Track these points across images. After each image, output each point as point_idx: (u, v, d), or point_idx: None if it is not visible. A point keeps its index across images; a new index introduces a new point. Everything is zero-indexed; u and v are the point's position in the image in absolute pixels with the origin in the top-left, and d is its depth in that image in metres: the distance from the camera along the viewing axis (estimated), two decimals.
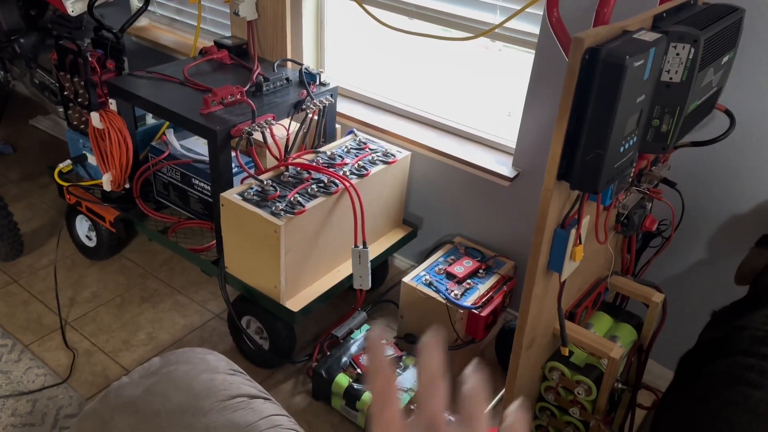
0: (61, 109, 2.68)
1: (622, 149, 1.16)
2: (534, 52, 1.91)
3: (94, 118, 2.11)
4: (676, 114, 1.24)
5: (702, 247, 1.85)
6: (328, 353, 2.00)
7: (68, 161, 2.35)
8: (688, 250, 1.87)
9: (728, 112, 1.51)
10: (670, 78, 1.21)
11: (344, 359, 1.97)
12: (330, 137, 2.28)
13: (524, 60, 2.06)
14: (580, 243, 1.29)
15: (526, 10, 1.88)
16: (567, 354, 1.46)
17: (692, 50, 1.18)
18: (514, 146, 2.13)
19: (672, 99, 1.23)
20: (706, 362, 1.33)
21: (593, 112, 1.09)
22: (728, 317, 1.48)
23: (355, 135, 2.27)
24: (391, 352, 1.98)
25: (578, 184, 1.16)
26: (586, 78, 1.08)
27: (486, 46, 2.13)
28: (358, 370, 1.93)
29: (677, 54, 1.19)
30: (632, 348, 1.65)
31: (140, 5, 2.92)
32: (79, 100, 2.24)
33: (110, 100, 2.14)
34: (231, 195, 1.88)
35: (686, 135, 1.43)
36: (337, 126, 2.31)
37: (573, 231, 1.26)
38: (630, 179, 1.44)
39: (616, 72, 1.04)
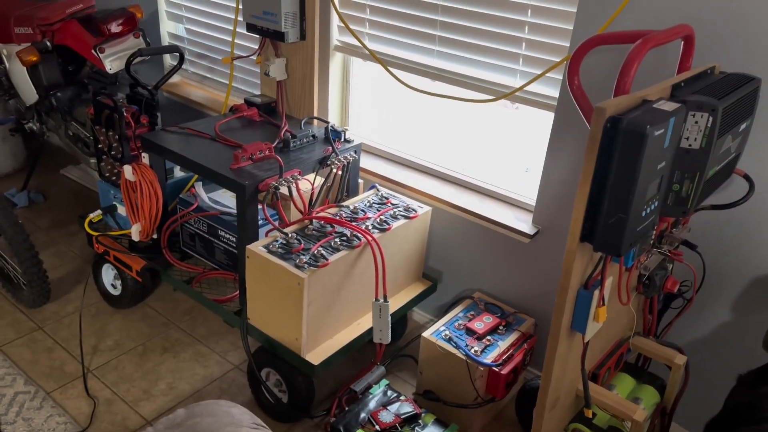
0: (92, 160, 2.78)
1: (644, 213, 1.19)
2: (552, 113, 1.97)
3: (127, 170, 2.19)
4: (696, 179, 1.28)
5: (724, 308, 1.84)
6: (347, 408, 1.99)
7: (98, 211, 2.42)
8: (710, 312, 1.87)
9: (747, 177, 1.54)
10: (690, 145, 1.25)
11: (363, 415, 1.96)
12: (353, 192, 2.33)
13: (541, 117, 2.12)
14: (604, 304, 1.30)
15: (546, 74, 1.95)
16: (590, 416, 1.45)
17: (710, 119, 1.23)
18: (533, 203, 2.17)
19: (692, 165, 1.26)
20: (732, 429, 1.31)
21: (615, 177, 1.13)
22: (754, 382, 1.47)
23: (377, 190, 2.32)
24: (410, 408, 1.97)
25: (601, 247, 1.19)
26: (608, 145, 1.12)
27: (505, 104, 2.20)
28: (377, 427, 1.92)
29: (696, 122, 1.23)
30: (655, 410, 1.63)
31: (174, 63, 3.07)
32: (113, 152, 2.33)
33: (143, 154, 2.22)
34: (257, 247, 1.93)
35: (706, 199, 1.46)
36: (360, 181, 2.37)
37: (596, 292, 1.28)
38: (651, 241, 1.47)
39: (637, 141, 1.08)
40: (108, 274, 2.53)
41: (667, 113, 1.14)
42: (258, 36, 2.57)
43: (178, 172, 2.52)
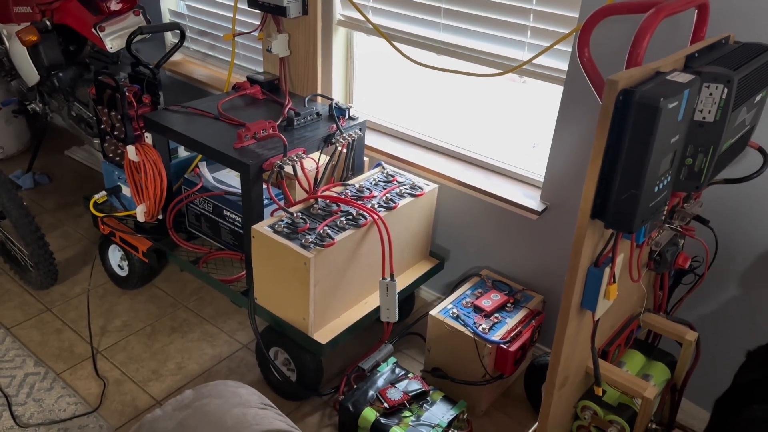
0: (96, 141, 2.77)
1: (656, 189, 1.16)
2: (561, 86, 1.92)
3: (131, 151, 2.17)
4: (710, 153, 1.24)
5: (736, 284, 1.82)
6: (355, 386, 1.99)
7: (103, 192, 2.41)
8: (721, 288, 1.84)
9: (761, 150, 1.50)
10: (704, 118, 1.22)
11: (371, 393, 1.96)
12: (358, 170, 2.31)
13: (549, 91, 2.08)
14: (614, 281, 1.28)
15: (555, 47, 1.90)
16: (600, 393, 1.44)
17: (725, 90, 1.19)
18: (541, 179, 2.13)
19: (705, 138, 1.23)
20: (743, 406, 1.30)
21: (628, 152, 1.10)
22: (764, 358, 1.45)
23: (383, 168, 2.29)
24: (418, 386, 1.97)
25: (613, 224, 1.16)
26: (620, 119, 1.09)
27: (512, 78, 2.16)
28: (385, 404, 1.92)
29: (710, 94, 1.20)
30: (665, 387, 1.62)
31: (175, 41, 3.02)
32: (116, 133, 2.31)
33: (146, 134, 2.20)
34: (262, 227, 1.91)
35: (719, 173, 1.42)
36: (365, 159, 2.35)
37: (607, 269, 1.26)
38: (663, 217, 1.44)
39: (650, 114, 1.05)
40: (115, 255, 2.52)
41: (681, 85, 1.11)
42: (260, 11, 2.53)
43: (183, 152, 2.50)
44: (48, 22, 2.60)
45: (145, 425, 1.32)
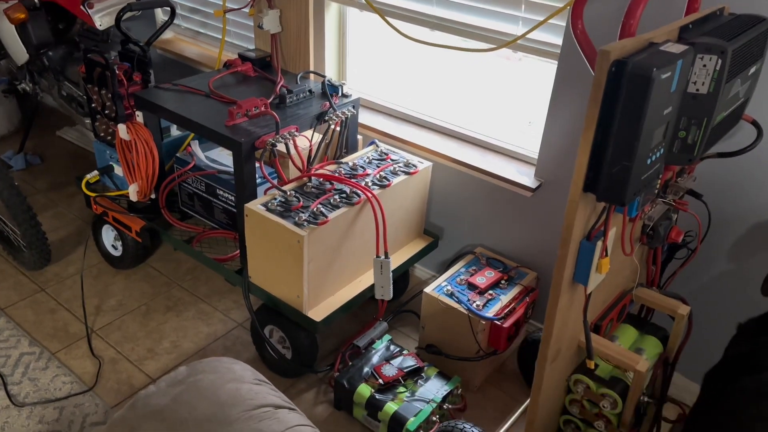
0: (87, 121, 2.74)
1: (648, 161, 1.16)
2: (556, 62, 1.91)
3: (122, 129, 2.15)
4: (703, 125, 1.24)
5: (728, 258, 1.82)
6: (350, 363, 2.00)
7: (95, 172, 2.39)
8: (714, 262, 1.85)
9: (755, 123, 1.50)
10: (697, 89, 1.21)
11: (366, 369, 1.98)
12: (352, 148, 2.29)
13: (544, 69, 2.06)
14: (607, 255, 1.28)
15: (549, 21, 1.88)
16: (593, 367, 1.45)
17: (719, 61, 1.18)
18: (535, 156, 2.13)
19: (699, 110, 1.22)
20: (733, 378, 1.31)
21: (620, 124, 1.09)
22: (754, 330, 1.46)
23: (377, 146, 2.28)
24: (412, 362, 1.98)
25: (605, 196, 1.16)
26: (613, 90, 1.08)
27: (507, 56, 2.14)
28: (380, 381, 1.93)
29: (704, 65, 1.19)
30: (658, 361, 1.63)
31: (166, 19, 2.98)
32: (107, 112, 2.29)
33: (137, 112, 2.18)
34: (255, 206, 1.91)
35: (713, 146, 1.42)
36: (359, 137, 2.33)
37: (599, 243, 1.26)
38: (656, 191, 1.43)
39: (643, 84, 1.04)
40: (108, 235, 2.51)
41: (674, 55, 1.10)
42: None
43: (175, 131, 2.48)
44: (36, 0, 2.56)
45: (139, 401, 1.32)
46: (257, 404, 1.29)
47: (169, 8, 2.37)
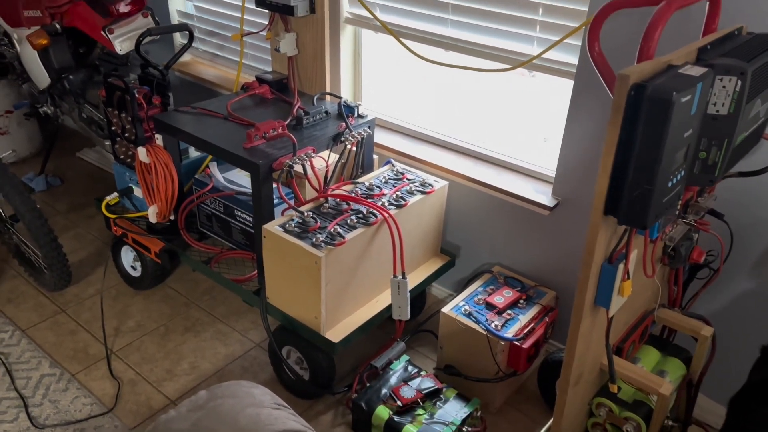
0: (107, 143, 2.78)
1: (669, 184, 1.15)
2: (572, 80, 1.91)
3: (141, 152, 2.17)
4: (724, 146, 1.23)
5: (751, 278, 1.80)
6: (368, 384, 1.99)
7: (115, 194, 2.42)
8: (737, 282, 1.82)
9: None
10: (717, 111, 1.20)
11: (384, 391, 1.96)
12: (368, 168, 2.30)
13: (558, 84, 2.06)
14: (629, 278, 1.27)
15: (564, 41, 1.88)
16: (615, 391, 1.43)
17: (739, 82, 1.17)
18: (552, 174, 2.12)
19: (719, 131, 1.21)
20: (758, 404, 1.29)
21: (640, 147, 1.08)
22: None
23: (393, 165, 2.29)
24: (431, 384, 1.97)
25: (626, 220, 1.15)
26: (632, 114, 1.08)
27: (522, 72, 2.14)
28: (399, 402, 1.92)
29: (724, 87, 1.18)
30: (681, 383, 1.61)
31: (184, 42, 3.03)
32: (126, 134, 2.32)
33: (156, 135, 2.21)
34: (273, 227, 1.92)
35: (734, 166, 1.41)
36: (375, 156, 2.34)
37: (621, 266, 1.25)
38: (677, 212, 1.42)
39: (663, 108, 1.04)
40: (127, 256, 2.54)
41: (693, 78, 1.09)
42: (267, 11, 2.53)
43: (193, 153, 2.51)
44: (58, 26, 2.62)
45: (159, 426, 1.32)
46: (277, 429, 1.28)
47: (187, 32, 2.41)
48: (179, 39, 3.11)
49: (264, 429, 1.28)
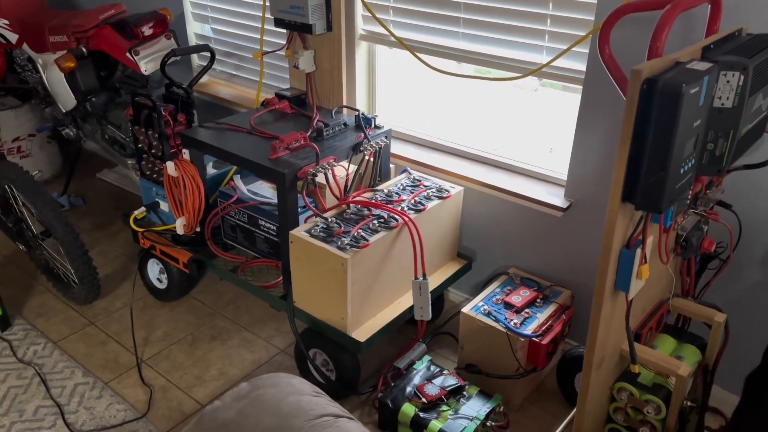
0: (129, 161, 2.88)
1: (681, 171, 1.24)
2: (580, 86, 2.01)
3: (170, 167, 2.27)
4: (730, 138, 1.32)
5: (760, 266, 1.87)
6: (393, 384, 2.06)
7: (142, 208, 2.51)
8: (746, 271, 1.90)
9: None
10: (722, 104, 1.29)
11: (409, 389, 2.03)
12: (384, 176, 2.40)
13: (563, 97, 2.16)
14: (646, 262, 1.35)
15: (572, 49, 1.99)
16: (636, 371, 1.50)
17: (742, 77, 1.27)
18: (563, 178, 2.21)
19: (725, 123, 1.31)
20: None
21: (654, 136, 1.18)
22: None
23: (409, 173, 2.38)
24: (454, 381, 2.03)
25: (642, 205, 1.24)
26: (645, 106, 1.17)
27: (519, 85, 2.24)
28: (424, 400, 1.98)
29: (728, 81, 1.28)
30: (697, 368, 1.68)
31: (202, 63, 3.15)
32: (153, 151, 2.42)
33: (183, 150, 2.31)
34: (299, 232, 2.00)
35: (739, 158, 1.49)
36: (391, 166, 2.44)
37: (638, 250, 1.33)
38: (688, 201, 1.51)
39: (674, 99, 1.13)
40: (153, 269, 2.62)
41: (700, 72, 1.19)
42: (284, 30, 2.65)
43: (210, 169, 2.60)
44: (84, 49, 2.74)
45: (206, 416, 1.40)
46: (318, 414, 1.35)
47: (208, 53, 2.52)
48: (197, 60, 3.23)
49: (306, 414, 1.35)
